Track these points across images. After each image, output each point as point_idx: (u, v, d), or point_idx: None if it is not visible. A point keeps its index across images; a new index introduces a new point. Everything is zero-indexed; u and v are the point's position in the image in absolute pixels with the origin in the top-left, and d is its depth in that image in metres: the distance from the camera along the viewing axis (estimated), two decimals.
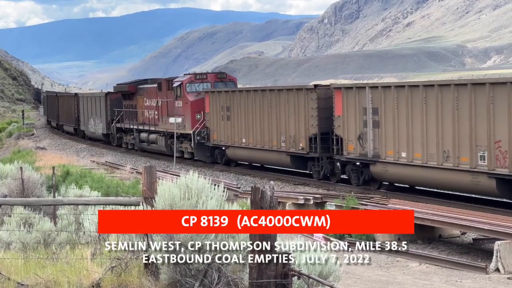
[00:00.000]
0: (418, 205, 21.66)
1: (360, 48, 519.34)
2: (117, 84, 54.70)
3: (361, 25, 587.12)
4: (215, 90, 39.56)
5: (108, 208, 11.57)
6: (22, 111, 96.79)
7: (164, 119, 43.20)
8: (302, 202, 23.71)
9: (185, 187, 8.05)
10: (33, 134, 74.73)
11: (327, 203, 22.24)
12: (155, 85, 45.54)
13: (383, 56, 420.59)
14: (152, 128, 45.77)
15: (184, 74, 43.88)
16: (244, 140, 36.60)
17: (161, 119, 44.03)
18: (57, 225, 12.95)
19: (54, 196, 17.22)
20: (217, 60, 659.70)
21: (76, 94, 69.21)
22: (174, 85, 41.63)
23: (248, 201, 7.75)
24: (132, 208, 10.06)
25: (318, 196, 24.33)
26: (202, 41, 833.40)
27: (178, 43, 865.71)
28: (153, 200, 8.56)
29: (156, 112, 44.98)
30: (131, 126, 49.88)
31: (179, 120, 40.35)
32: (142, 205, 8.92)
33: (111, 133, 54.49)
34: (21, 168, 18.96)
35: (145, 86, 48.23)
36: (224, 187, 8.40)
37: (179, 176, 8.67)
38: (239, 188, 29.81)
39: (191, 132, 39.86)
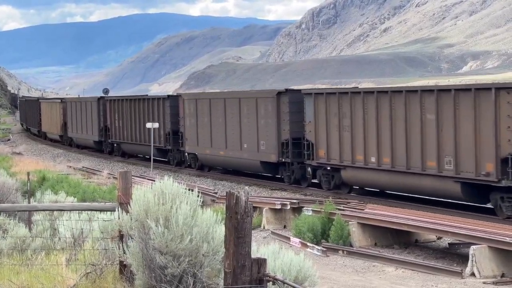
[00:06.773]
0: (395, 210, 21.74)
1: (337, 53, 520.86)
2: None
3: (339, 31, 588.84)
4: None
5: (84, 213, 11.51)
6: None
7: None
8: (279, 207, 23.59)
9: (160, 192, 8.01)
10: (9, 139, 74.33)
11: (304, 208, 22.18)
12: None
13: (361, 61, 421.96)
14: None
15: None
16: None
17: None
18: (32, 231, 12.86)
19: (29, 202, 17.12)
20: (195, 65, 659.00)
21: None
22: None
23: (225, 206, 7.78)
24: (108, 214, 10.00)
25: (295, 201, 24.16)
26: (180, 46, 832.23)
27: (156, 48, 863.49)
28: (128, 206, 8.50)
29: None
30: None
31: (156, 125, 38.89)
32: (118, 210, 8.86)
33: None
34: None
35: None
36: (199, 192, 8.37)
37: (155, 181, 8.64)
38: (216, 193, 29.74)
39: None
